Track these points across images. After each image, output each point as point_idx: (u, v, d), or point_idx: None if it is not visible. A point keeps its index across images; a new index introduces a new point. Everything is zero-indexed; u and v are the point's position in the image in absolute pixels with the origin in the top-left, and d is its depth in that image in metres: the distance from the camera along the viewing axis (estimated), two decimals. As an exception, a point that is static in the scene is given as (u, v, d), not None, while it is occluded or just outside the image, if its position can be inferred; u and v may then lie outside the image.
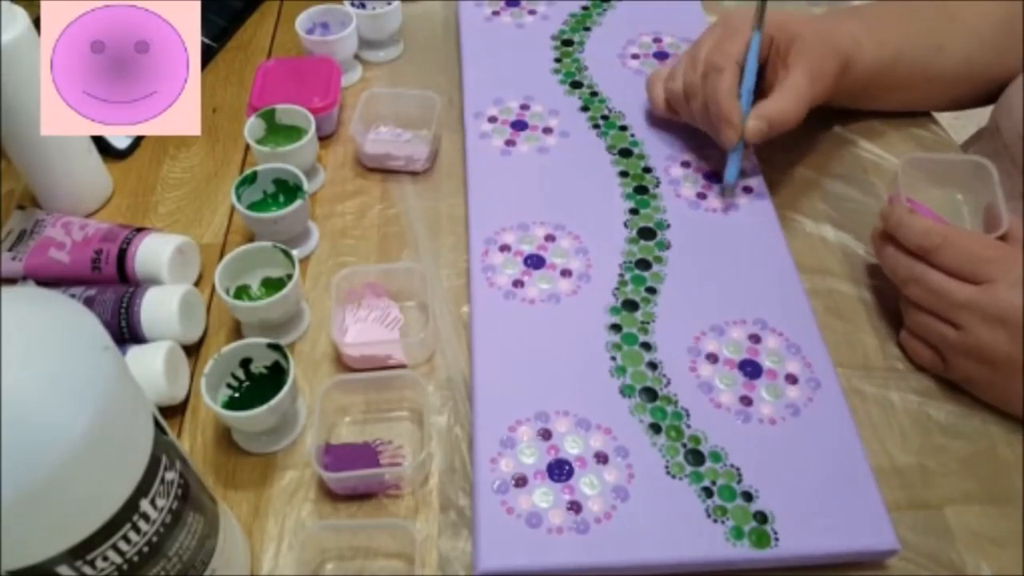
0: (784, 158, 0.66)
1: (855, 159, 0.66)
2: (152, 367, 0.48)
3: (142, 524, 0.32)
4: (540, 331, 0.52)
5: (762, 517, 0.44)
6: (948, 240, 0.49)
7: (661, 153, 0.63)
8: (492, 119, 0.65)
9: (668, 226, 0.58)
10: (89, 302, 0.52)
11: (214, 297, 0.57)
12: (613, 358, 0.50)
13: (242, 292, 0.54)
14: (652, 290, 0.54)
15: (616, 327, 0.52)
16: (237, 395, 0.50)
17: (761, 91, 0.59)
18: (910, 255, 0.50)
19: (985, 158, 0.55)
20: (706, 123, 0.59)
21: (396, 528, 0.45)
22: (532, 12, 0.74)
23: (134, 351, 0.49)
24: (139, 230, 0.56)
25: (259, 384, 0.50)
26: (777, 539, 0.43)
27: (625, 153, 0.63)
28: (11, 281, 0.56)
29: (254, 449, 0.49)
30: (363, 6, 0.73)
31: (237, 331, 0.55)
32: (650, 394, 0.49)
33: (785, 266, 0.55)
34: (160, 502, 0.33)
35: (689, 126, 0.64)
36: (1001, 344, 0.47)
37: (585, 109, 0.66)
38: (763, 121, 0.56)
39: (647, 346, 0.51)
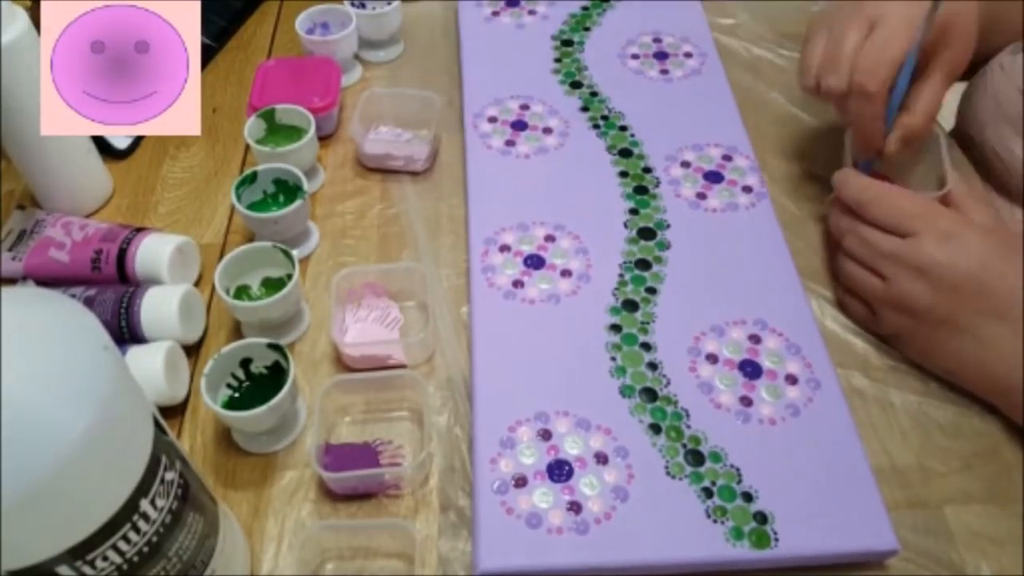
0: (784, 158, 0.66)
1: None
2: (152, 367, 0.48)
3: (142, 524, 0.32)
4: (540, 331, 0.52)
5: (762, 517, 0.44)
6: (879, 196, 0.52)
7: (661, 153, 0.63)
8: (492, 119, 0.65)
9: (668, 226, 0.58)
10: (89, 302, 0.52)
11: (214, 297, 0.57)
12: (613, 358, 0.50)
13: (242, 292, 0.54)
14: (652, 290, 0.54)
15: (616, 327, 0.52)
16: (237, 395, 0.50)
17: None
18: (849, 212, 0.53)
19: (938, 128, 0.57)
20: (845, 121, 0.58)
21: (396, 528, 0.45)
22: (532, 12, 0.74)
23: (134, 351, 0.49)
24: (139, 230, 0.56)
25: (259, 384, 0.50)
26: (777, 539, 0.43)
27: (625, 153, 0.63)
28: (11, 281, 0.56)
29: (254, 449, 0.49)
30: (363, 6, 0.73)
31: (237, 331, 0.55)
32: (650, 394, 0.49)
33: (785, 266, 0.55)
34: (160, 502, 0.33)
35: (688, 126, 0.64)
36: (922, 295, 0.49)
37: (585, 109, 0.66)
38: (902, 142, 0.55)
39: (647, 346, 0.51)
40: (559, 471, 0.45)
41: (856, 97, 0.53)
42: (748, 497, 0.45)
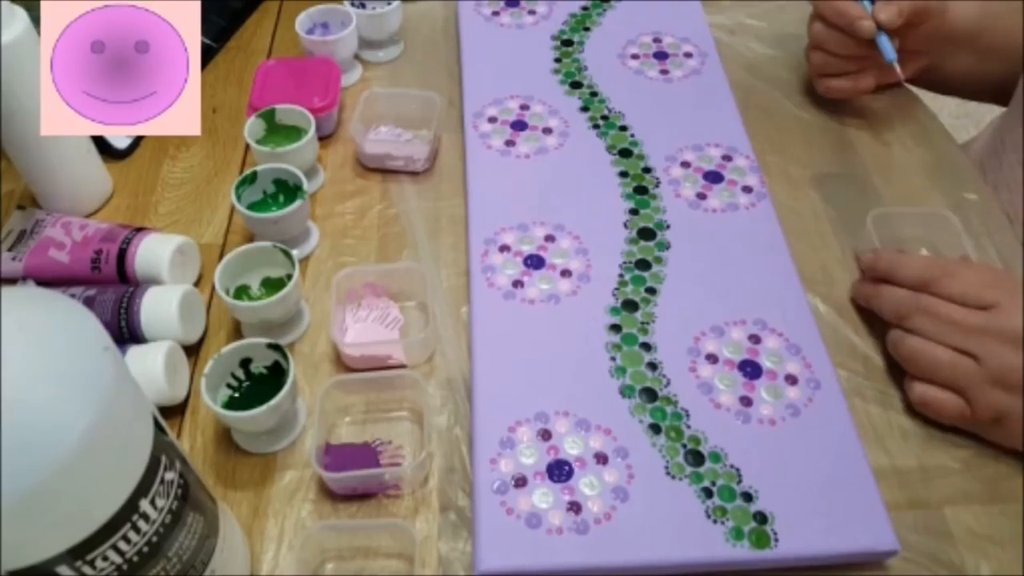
0: (784, 158, 0.66)
1: (855, 159, 0.66)
2: (152, 367, 0.48)
3: (142, 524, 0.32)
4: (540, 331, 0.52)
5: (762, 518, 0.44)
6: (949, 270, 0.49)
7: (661, 153, 0.63)
8: (492, 119, 0.65)
9: (668, 226, 0.58)
10: (89, 302, 0.52)
11: (214, 297, 0.57)
12: (613, 358, 0.50)
13: (242, 292, 0.54)
14: (652, 290, 0.54)
15: (616, 327, 0.52)
16: (237, 395, 0.50)
17: None
18: (912, 292, 0.50)
19: (947, 210, 0.58)
20: (842, 44, 0.63)
21: (396, 528, 0.45)
22: (532, 12, 0.74)
23: (134, 351, 0.49)
24: (139, 230, 0.56)
25: (259, 384, 0.50)
26: (777, 540, 0.43)
27: (625, 153, 0.63)
28: (11, 281, 0.56)
29: (254, 449, 0.49)
30: (363, 6, 0.73)
31: (237, 331, 0.55)
32: (650, 394, 0.49)
33: (785, 266, 0.55)
34: (160, 502, 0.33)
35: (688, 126, 0.64)
36: (1021, 366, 0.46)
37: (585, 109, 0.66)
38: (892, 5, 0.57)
39: (647, 346, 0.51)
40: (559, 471, 0.45)
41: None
42: (748, 497, 0.45)
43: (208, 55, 0.74)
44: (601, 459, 0.46)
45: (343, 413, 0.51)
